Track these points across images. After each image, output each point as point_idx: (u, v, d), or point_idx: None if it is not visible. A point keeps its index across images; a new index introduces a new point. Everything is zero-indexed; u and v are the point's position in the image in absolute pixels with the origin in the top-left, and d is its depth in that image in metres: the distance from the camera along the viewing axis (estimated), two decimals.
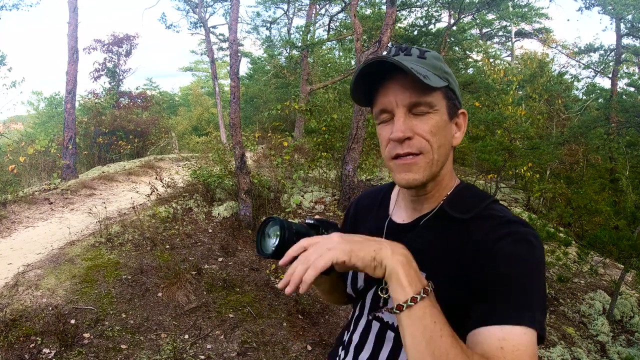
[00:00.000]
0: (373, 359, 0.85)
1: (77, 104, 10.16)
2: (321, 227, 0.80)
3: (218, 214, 6.05)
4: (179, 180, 7.40)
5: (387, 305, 0.82)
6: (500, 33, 22.18)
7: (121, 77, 16.36)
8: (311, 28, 15.55)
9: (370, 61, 0.75)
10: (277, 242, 0.71)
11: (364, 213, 1.01)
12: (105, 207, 6.27)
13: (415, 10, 14.94)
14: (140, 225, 5.32)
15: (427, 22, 14.73)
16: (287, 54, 18.19)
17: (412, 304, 0.63)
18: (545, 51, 16.50)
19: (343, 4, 14.20)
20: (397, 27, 13.61)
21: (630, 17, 12.29)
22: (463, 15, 15.34)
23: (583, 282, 5.72)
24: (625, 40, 13.63)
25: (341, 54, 18.98)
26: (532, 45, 41.71)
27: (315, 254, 0.65)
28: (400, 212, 0.90)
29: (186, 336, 3.45)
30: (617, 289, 4.83)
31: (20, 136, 15.61)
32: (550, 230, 5.20)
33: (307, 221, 0.80)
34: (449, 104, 0.79)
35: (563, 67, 16.98)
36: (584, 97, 15.07)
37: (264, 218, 0.79)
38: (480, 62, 16.78)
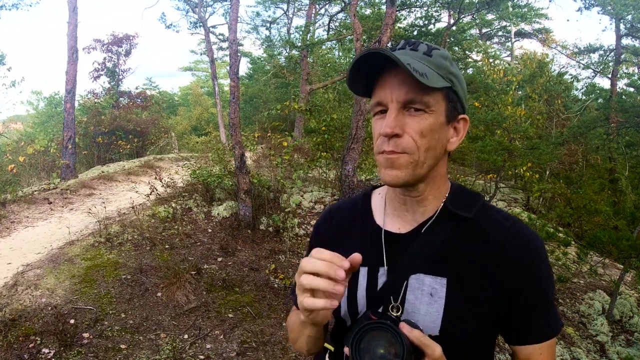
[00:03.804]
0: None
1: (76, 104, 10.16)
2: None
3: (217, 213, 6.05)
4: (179, 180, 7.40)
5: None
6: (500, 33, 22.20)
7: (121, 77, 16.36)
8: (311, 28, 15.53)
9: (367, 52, 0.72)
10: None
11: (344, 229, 0.92)
12: (105, 207, 6.27)
13: (415, 10, 14.90)
14: (139, 225, 5.32)
15: (426, 22, 14.72)
16: (286, 54, 18.18)
17: None
18: (545, 51, 16.50)
19: (343, 4, 14.20)
20: (396, 27, 13.58)
21: (629, 17, 12.30)
22: (463, 15, 15.34)
23: (582, 282, 5.72)
24: (625, 41, 13.63)
25: (341, 54, 18.97)
26: (531, 46, 41.75)
27: None
28: (393, 221, 0.85)
29: (185, 336, 3.45)
30: (617, 289, 4.83)
31: (20, 136, 15.59)
32: (549, 230, 5.20)
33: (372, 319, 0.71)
34: (448, 107, 0.76)
35: (563, 67, 16.96)
36: (584, 97, 15.07)
37: (364, 326, 0.67)
38: (479, 62, 16.77)
